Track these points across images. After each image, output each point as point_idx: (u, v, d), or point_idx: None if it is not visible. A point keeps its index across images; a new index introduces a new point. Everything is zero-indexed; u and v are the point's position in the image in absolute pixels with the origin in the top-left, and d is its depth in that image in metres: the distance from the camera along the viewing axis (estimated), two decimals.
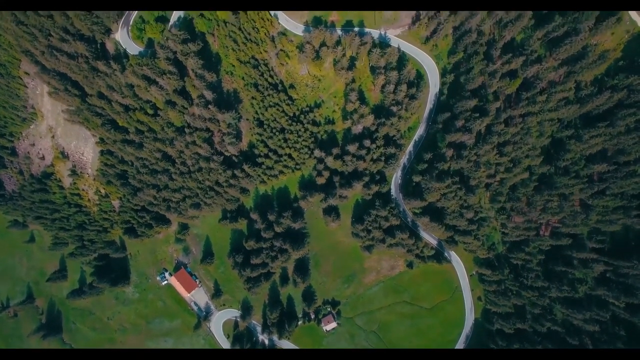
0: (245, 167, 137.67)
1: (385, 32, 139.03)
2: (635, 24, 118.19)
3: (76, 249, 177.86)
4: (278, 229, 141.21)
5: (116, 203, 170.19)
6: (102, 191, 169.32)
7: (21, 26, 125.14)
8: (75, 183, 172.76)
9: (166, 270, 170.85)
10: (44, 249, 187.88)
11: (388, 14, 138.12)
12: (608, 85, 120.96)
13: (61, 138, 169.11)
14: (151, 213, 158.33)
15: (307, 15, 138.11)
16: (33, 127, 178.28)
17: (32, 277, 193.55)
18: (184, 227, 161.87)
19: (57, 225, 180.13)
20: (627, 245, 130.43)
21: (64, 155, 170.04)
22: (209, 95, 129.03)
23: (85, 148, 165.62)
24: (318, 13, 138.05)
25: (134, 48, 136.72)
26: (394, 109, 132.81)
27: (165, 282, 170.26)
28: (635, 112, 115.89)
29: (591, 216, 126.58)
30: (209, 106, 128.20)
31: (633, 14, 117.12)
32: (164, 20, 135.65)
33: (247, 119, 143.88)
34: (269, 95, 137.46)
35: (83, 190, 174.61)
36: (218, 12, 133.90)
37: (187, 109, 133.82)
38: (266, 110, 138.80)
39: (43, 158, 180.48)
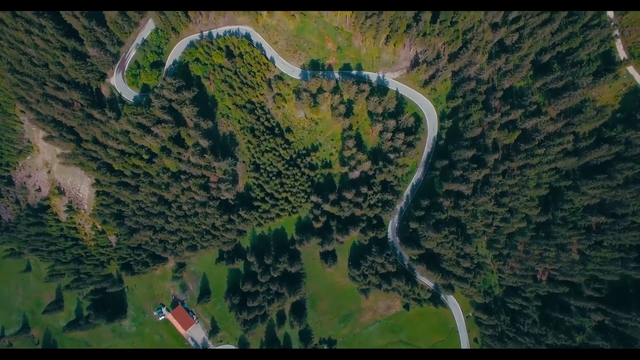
0: (242, 212, 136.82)
1: (384, 75, 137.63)
2: (632, 78, 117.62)
3: (72, 282, 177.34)
4: (275, 274, 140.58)
5: (113, 238, 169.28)
6: (99, 227, 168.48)
7: (16, 75, 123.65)
8: (71, 217, 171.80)
9: (163, 306, 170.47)
10: (41, 279, 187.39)
11: (386, 57, 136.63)
12: (606, 136, 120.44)
13: (57, 174, 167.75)
14: (148, 251, 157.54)
15: (304, 58, 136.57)
16: (29, 158, 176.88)
17: (28, 307, 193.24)
18: (180, 265, 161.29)
19: (54, 257, 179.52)
20: (625, 293, 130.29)
21: (60, 191, 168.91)
22: (204, 143, 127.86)
23: (81, 185, 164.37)
24: (315, 56, 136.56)
25: (129, 93, 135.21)
26: (392, 156, 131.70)
27: (163, 317, 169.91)
28: (633, 166, 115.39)
29: (588, 267, 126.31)
30: (205, 155, 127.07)
31: (630, 68, 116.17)
32: (159, 64, 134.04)
33: (244, 162, 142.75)
34: (265, 140, 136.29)
35: (79, 224, 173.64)
36: (213, 57, 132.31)
37: (182, 154, 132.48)
38: (262, 155, 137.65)
39: (39, 190, 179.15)
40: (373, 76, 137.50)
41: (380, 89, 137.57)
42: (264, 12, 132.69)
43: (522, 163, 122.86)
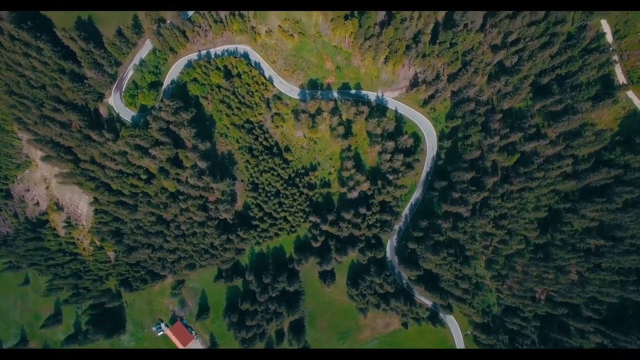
0: (240, 232, 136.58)
1: (383, 95, 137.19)
2: (631, 102, 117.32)
3: (71, 297, 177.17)
4: (273, 293, 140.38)
5: (111, 254, 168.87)
6: (97, 243, 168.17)
7: (14, 96, 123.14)
8: (70, 233, 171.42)
9: (162, 321, 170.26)
10: (39, 292, 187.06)
11: (385, 76, 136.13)
12: (605, 158, 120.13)
13: (55, 190, 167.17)
14: (146, 268, 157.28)
15: (303, 78, 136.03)
16: (28, 172, 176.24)
17: (26, 320, 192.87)
18: (179, 282, 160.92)
19: (52, 272, 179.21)
20: (624, 314, 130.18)
21: (58, 207, 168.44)
22: (202, 165, 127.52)
23: (79, 201, 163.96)
24: (314, 75, 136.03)
25: (127, 113, 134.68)
26: (390, 177, 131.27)
27: (161, 332, 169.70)
28: (633, 190, 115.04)
29: (587, 289, 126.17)
30: (203, 177, 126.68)
31: (629, 92, 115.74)
32: (157, 84, 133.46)
33: (242, 180, 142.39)
34: (263, 160, 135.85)
35: (78, 239, 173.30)
36: (211, 77, 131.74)
37: (180, 175, 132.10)
38: (261, 174, 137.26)
39: (38, 204, 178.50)
40: (372, 95, 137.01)
41: (379, 108, 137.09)
42: (262, 32, 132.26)
43: (521, 186, 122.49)
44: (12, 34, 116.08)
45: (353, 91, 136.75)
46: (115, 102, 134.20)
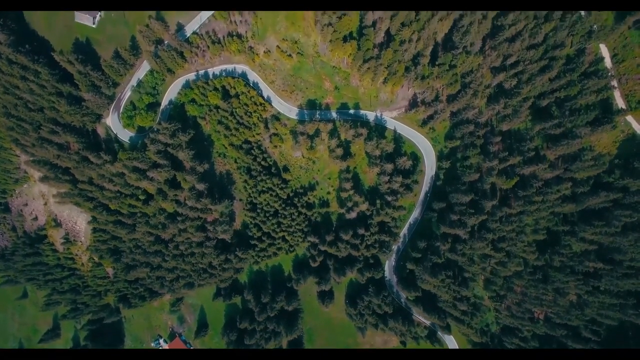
0: (239, 252, 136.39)
1: (382, 114, 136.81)
2: (630, 125, 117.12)
3: (69, 312, 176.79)
4: (272, 313, 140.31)
5: (110, 270, 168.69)
6: (96, 259, 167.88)
7: (11, 119, 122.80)
8: (68, 249, 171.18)
9: (161, 337, 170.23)
10: (37, 305, 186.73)
11: (384, 96, 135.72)
12: (604, 181, 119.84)
13: (53, 206, 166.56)
14: (145, 285, 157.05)
15: (301, 98, 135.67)
16: (26, 186, 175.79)
17: (24, 334, 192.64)
18: (178, 298, 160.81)
19: (50, 286, 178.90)
20: (624, 336, 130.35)
21: (56, 223, 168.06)
22: (200, 187, 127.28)
23: (78, 218, 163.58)
24: (312, 96, 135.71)
25: (125, 133, 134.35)
26: (389, 198, 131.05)
27: (160, 348, 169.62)
28: (631, 214, 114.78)
29: (586, 311, 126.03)
30: (201, 199, 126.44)
31: (629, 117, 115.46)
32: (155, 105, 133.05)
33: (241, 200, 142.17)
34: (262, 180, 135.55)
35: (76, 255, 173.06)
36: (209, 98, 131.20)
37: (178, 195, 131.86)
38: (259, 195, 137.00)
39: (36, 219, 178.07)
40: (371, 115, 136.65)
41: (378, 128, 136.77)
42: (261, 52, 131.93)
43: (520, 210, 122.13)
44: (9, 58, 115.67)
45: (352, 111, 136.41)
46: (113, 123, 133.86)
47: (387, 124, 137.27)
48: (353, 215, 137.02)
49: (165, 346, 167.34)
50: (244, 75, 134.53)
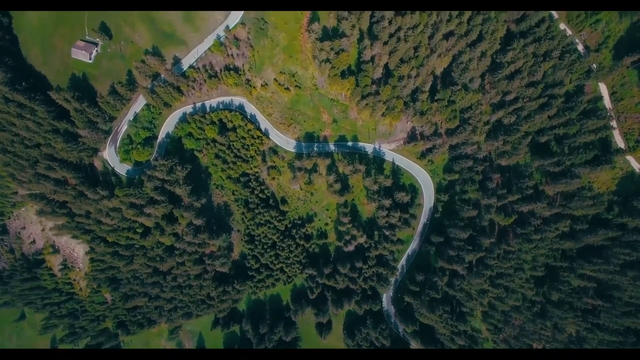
0: (237, 285, 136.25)
1: (380, 146, 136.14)
2: (628, 163, 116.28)
3: (67, 336, 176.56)
4: (270, 345, 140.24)
5: (108, 296, 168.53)
6: (94, 286, 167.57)
7: (7, 154, 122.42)
8: (67, 274, 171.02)
9: None
10: (35, 328, 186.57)
11: (383, 128, 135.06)
12: (602, 217, 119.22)
13: (51, 231, 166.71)
14: (143, 313, 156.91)
15: (299, 131, 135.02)
16: (24, 210, 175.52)
17: None
18: (176, 327, 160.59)
19: (48, 310, 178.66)
20: None
21: (54, 249, 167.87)
22: (198, 222, 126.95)
23: (75, 245, 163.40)
24: (310, 128, 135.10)
25: (122, 167, 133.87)
26: (387, 232, 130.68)
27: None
28: (630, 253, 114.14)
29: (585, 347, 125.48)
30: (199, 234, 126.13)
31: (628, 156, 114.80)
32: (152, 139, 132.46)
33: (239, 230, 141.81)
34: (259, 213, 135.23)
35: (75, 280, 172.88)
36: (206, 131, 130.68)
37: (176, 229, 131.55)
38: (257, 227, 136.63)
39: (34, 242, 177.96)
40: (369, 147, 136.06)
41: (377, 160, 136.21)
42: (258, 85, 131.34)
43: (518, 247, 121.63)
44: (6, 96, 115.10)
45: (350, 143, 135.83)
46: (110, 156, 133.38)
47: (385, 155, 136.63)
48: (351, 248, 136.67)
49: None
50: (241, 108, 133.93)
